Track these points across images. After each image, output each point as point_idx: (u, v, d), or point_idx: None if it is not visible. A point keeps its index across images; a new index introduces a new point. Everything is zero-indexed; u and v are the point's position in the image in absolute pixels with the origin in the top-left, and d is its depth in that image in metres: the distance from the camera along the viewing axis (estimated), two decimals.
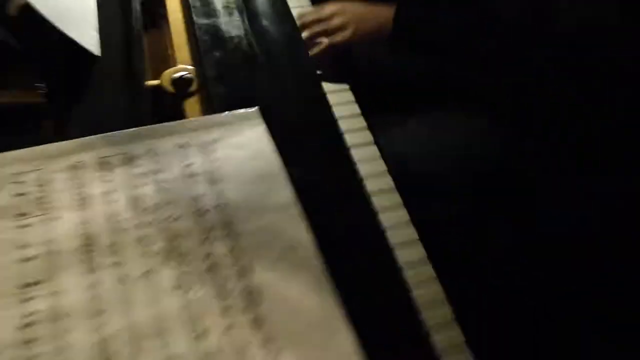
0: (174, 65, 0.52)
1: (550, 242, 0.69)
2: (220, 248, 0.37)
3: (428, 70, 0.81)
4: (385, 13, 0.81)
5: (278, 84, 0.50)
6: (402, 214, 0.47)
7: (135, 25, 0.51)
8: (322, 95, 0.51)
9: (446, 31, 0.78)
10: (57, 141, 0.42)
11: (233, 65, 0.51)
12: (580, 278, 0.67)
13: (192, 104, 0.49)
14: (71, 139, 0.42)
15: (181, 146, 0.42)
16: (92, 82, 0.47)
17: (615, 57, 0.68)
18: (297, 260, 0.37)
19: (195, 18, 0.55)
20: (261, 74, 0.51)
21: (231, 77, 0.50)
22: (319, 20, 0.75)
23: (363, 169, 0.48)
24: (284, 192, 0.40)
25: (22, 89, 0.45)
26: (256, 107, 0.44)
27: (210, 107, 0.48)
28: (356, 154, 0.50)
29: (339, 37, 0.75)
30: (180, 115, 0.48)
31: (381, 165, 0.51)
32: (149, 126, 0.43)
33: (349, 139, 0.51)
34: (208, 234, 0.38)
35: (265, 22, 0.56)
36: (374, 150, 0.53)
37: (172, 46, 0.54)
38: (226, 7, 0.56)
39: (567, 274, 0.67)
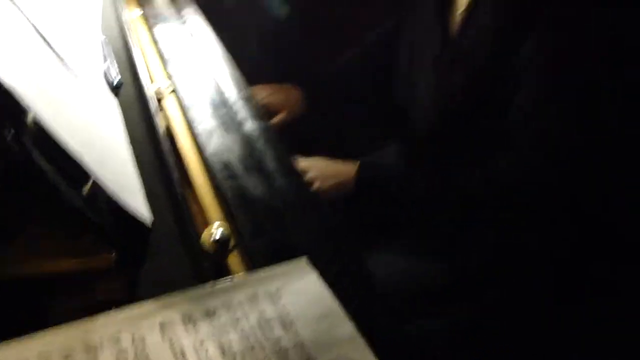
0: (203, 224, 0.59)
1: None
2: None
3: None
4: (348, 170, 0.94)
5: (305, 232, 0.59)
6: None
7: (177, 187, 0.59)
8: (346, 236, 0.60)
9: (402, 191, 0.91)
10: (125, 303, 0.47)
11: (264, 220, 0.59)
12: None
13: (232, 257, 0.56)
14: (141, 299, 0.47)
15: (251, 297, 0.48)
16: (149, 245, 0.53)
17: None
18: None
19: (221, 180, 0.63)
20: (290, 223, 0.59)
21: (266, 231, 0.58)
22: None
23: None
24: (346, 327, 0.47)
25: (90, 255, 0.50)
26: (305, 257, 0.52)
27: (252, 260, 0.55)
28: None
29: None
30: (225, 270, 0.55)
31: None
32: (220, 283, 0.49)
33: None
34: None
35: (280, 177, 0.65)
36: None
37: (200, 205, 0.61)
38: (245, 167, 0.65)
39: None
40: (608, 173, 0.87)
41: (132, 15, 1.00)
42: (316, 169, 0.93)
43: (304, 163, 0.92)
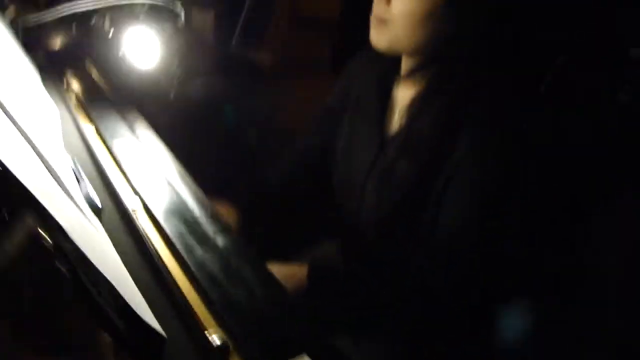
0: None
1: None
2: None
3: None
4: (301, 272, 1.07)
5: (296, 329, 0.70)
6: None
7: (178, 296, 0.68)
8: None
9: (350, 288, 1.06)
10: None
11: (257, 322, 0.70)
12: None
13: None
14: None
15: None
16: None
17: None
18: None
19: (208, 289, 0.73)
20: (281, 322, 0.71)
21: (261, 332, 0.69)
22: None
23: None
24: None
25: None
26: (304, 354, 0.64)
27: None
28: None
29: None
30: None
31: None
32: None
33: None
34: None
35: (259, 283, 0.77)
36: None
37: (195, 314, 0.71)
38: (227, 276, 0.76)
39: None
40: None
41: (89, 132, 1.10)
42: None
43: None
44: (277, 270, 1.06)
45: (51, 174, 0.71)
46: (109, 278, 0.57)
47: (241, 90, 2.74)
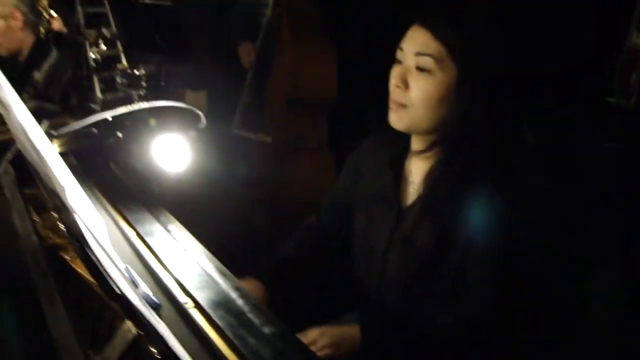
0: None
1: None
2: None
3: None
4: (354, 333, 1.19)
5: None
6: None
7: None
8: None
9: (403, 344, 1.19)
10: None
11: None
12: None
13: None
14: None
15: None
16: None
17: None
18: None
19: None
20: None
21: None
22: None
23: None
24: None
25: None
26: None
27: None
28: None
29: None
30: None
31: None
32: None
33: None
34: None
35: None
36: None
37: None
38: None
39: None
40: None
41: (132, 235, 1.21)
42: (327, 335, 1.18)
43: (313, 334, 1.17)
44: (332, 332, 1.19)
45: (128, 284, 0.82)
46: None
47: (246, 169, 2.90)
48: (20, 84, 2.49)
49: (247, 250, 1.79)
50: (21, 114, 0.92)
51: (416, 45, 1.17)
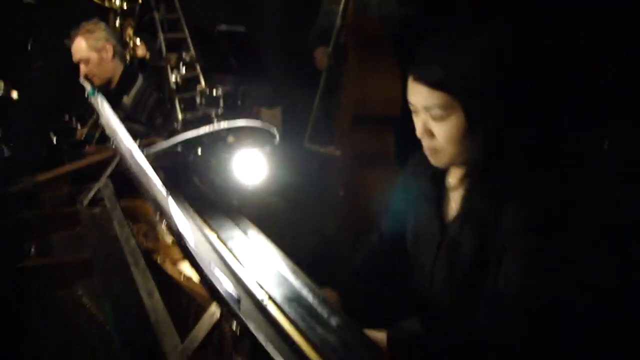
0: None
1: None
2: None
3: None
4: (382, 337, 1.28)
5: None
6: None
7: None
8: None
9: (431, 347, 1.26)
10: None
11: None
12: None
13: None
14: None
15: None
16: None
17: None
18: None
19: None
20: None
21: None
22: None
23: None
24: None
25: None
26: None
27: None
28: None
29: None
30: None
31: None
32: None
33: None
34: None
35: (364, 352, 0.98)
36: None
37: None
38: (345, 347, 0.98)
39: None
40: None
41: (214, 239, 1.37)
42: None
43: None
44: None
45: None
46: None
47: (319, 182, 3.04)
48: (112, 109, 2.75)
49: (318, 258, 1.91)
50: (125, 137, 1.09)
51: (421, 100, 1.26)
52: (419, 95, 1.26)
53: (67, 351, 1.13)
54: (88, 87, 1.47)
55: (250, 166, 1.60)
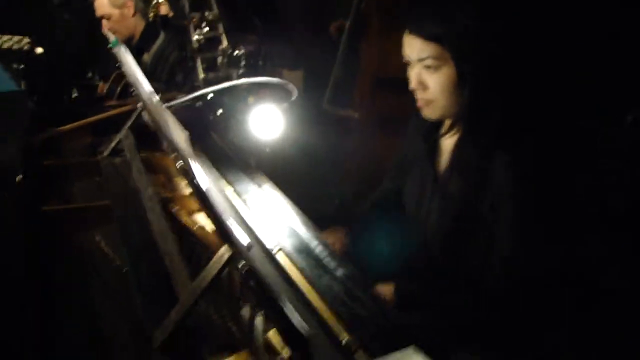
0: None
1: None
2: None
3: None
4: (390, 289, 1.32)
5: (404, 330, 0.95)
6: None
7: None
8: None
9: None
10: None
11: (373, 329, 0.95)
12: None
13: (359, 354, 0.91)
14: None
15: None
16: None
17: None
18: None
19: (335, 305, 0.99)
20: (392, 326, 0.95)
21: (377, 333, 0.94)
22: None
23: None
24: None
25: None
26: (412, 345, 0.87)
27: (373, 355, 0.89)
28: None
29: None
30: None
31: None
32: None
33: None
34: None
35: (371, 301, 1.02)
36: None
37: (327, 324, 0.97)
38: (349, 297, 1.02)
39: None
40: None
41: (230, 192, 1.41)
42: None
43: None
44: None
45: None
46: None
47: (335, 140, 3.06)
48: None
49: (332, 217, 1.94)
50: (147, 87, 1.12)
51: (415, 52, 1.34)
52: (414, 48, 1.35)
53: (86, 292, 1.18)
54: (112, 37, 1.49)
55: (268, 121, 1.62)
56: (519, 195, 1.29)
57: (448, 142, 1.46)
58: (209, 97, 1.86)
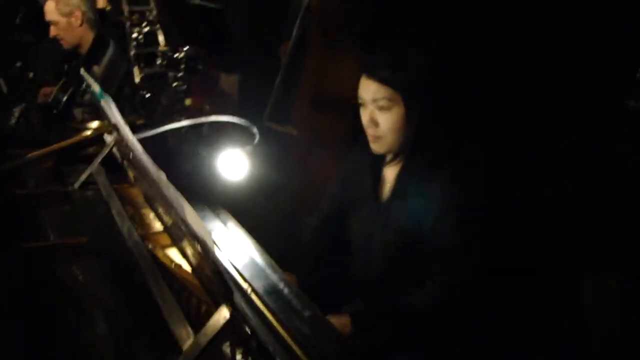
0: None
1: None
2: None
3: None
4: (346, 321, 1.55)
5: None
6: None
7: None
8: None
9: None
10: None
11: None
12: None
13: None
14: None
15: None
16: None
17: None
18: None
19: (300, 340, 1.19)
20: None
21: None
22: None
23: None
24: None
25: None
26: None
27: None
28: None
29: None
30: None
31: None
32: None
33: None
34: None
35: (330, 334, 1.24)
36: None
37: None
38: (313, 332, 1.22)
39: None
40: None
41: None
42: None
43: None
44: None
45: None
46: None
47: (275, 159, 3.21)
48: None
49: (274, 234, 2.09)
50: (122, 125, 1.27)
51: (370, 94, 1.58)
52: (370, 90, 1.58)
53: (69, 326, 1.24)
54: (97, 88, 1.60)
55: (232, 163, 1.79)
56: (458, 209, 1.57)
57: (390, 172, 1.71)
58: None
